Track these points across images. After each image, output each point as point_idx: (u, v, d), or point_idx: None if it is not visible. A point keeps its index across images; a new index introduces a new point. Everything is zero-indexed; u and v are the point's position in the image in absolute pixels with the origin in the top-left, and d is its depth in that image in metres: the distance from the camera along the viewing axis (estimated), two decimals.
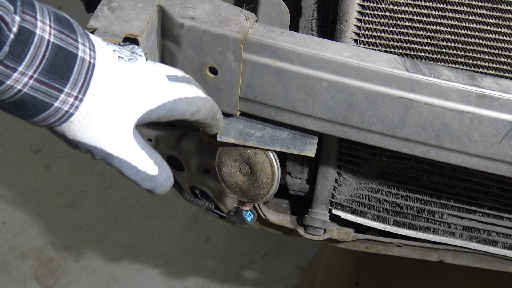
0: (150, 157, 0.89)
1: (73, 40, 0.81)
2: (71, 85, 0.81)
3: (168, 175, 0.92)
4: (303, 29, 1.19)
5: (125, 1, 1.06)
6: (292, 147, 1.14)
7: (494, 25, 1.05)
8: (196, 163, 1.37)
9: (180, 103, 0.91)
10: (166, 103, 0.89)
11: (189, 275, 2.33)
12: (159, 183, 0.91)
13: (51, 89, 0.79)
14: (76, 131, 0.83)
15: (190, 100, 0.93)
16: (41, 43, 0.78)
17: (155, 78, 0.89)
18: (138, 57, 0.89)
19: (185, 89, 0.93)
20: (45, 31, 0.78)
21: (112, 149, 0.85)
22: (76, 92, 0.81)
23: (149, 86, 0.88)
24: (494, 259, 1.37)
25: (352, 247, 1.42)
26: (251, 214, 1.25)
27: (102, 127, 0.84)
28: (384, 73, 1.03)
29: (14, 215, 2.48)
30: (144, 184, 0.90)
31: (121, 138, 0.86)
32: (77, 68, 0.81)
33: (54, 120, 0.82)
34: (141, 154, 0.88)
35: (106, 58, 0.85)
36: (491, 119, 1.01)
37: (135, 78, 0.87)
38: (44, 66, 0.78)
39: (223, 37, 1.05)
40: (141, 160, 0.88)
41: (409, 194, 1.27)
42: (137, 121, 0.87)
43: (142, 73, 0.88)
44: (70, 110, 0.82)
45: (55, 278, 2.33)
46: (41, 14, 0.78)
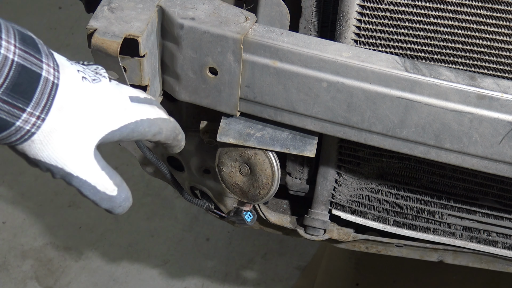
0: (110, 178, 0.90)
1: (37, 60, 0.81)
2: (34, 105, 0.81)
3: (126, 196, 0.92)
4: (303, 29, 1.19)
5: (125, 1, 1.06)
6: (292, 147, 1.14)
7: (494, 25, 1.05)
8: (196, 163, 1.37)
9: (142, 125, 0.92)
10: (128, 125, 0.90)
11: (189, 275, 2.33)
12: (117, 203, 0.91)
13: (14, 108, 0.80)
14: (37, 150, 0.84)
15: (152, 121, 0.93)
16: (5, 62, 0.78)
17: (117, 100, 0.90)
18: (101, 78, 0.90)
19: (147, 111, 0.93)
20: (10, 50, 0.78)
21: (72, 168, 0.86)
22: (38, 112, 0.82)
23: (111, 107, 0.89)
24: (494, 260, 1.37)
25: (352, 247, 1.42)
26: (250, 214, 1.25)
27: (63, 147, 0.85)
28: (384, 73, 1.03)
29: (14, 215, 2.48)
30: (103, 204, 0.91)
31: (81, 158, 0.87)
32: (40, 88, 0.81)
33: (16, 139, 0.82)
34: (101, 174, 0.88)
35: (70, 78, 0.85)
36: (491, 119, 1.01)
37: (97, 99, 0.88)
38: (7, 86, 0.78)
39: (223, 37, 1.05)
40: (101, 181, 0.89)
41: (409, 195, 1.27)
42: (98, 142, 0.88)
43: (105, 94, 0.89)
44: (32, 130, 0.82)
45: (55, 278, 2.33)
46: (6, 34, 0.79)
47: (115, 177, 0.91)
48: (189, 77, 1.10)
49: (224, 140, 1.14)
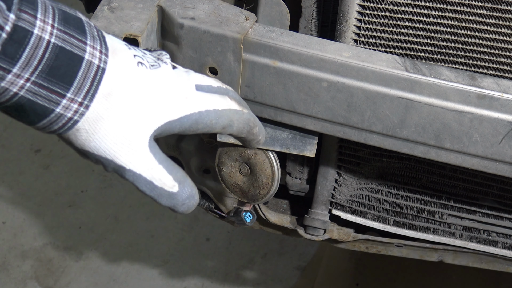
0: (169, 173, 0.83)
1: (80, 41, 0.76)
2: (75, 90, 0.76)
3: (191, 193, 0.85)
4: (303, 29, 1.19)
5: (125, 1, 1.06)
6: (292, 147, 1.14)
7: (494, 25, 1.05)
8: (196, 163, 1.37)
9: (208, 116, 0.85)
10: (190, 115, 0.83)
11: (189, 275, 2.33)
12: (180, 201, 0.85)
13: (51, 93, 0.75)
14: (84, 140, 0.79)
15: (220, 112, 0.86)
16: (40, 43, 0.73)
17: (178, 87, 0.83)
18: (162, 64, 0.84)
19: (215, 101, 0.86)
20: (45, 31, 0.73)
21: (124, 161, 0.80)
22: (80, 98, 0.76)
23: (169, 96, 0.82)
24: (494, 260, 1.37)
25: (352, 247, 1.42)
26: (250, 215, 1.25)
27: (113, 137, 0.79)
28: (384, 73, 1.03)
29: (14, 215, 2.48)
30: (162, 201, 0.84)
31: (134, 150, 0.80)
32: (82, 72, 0.76)
33: (58, 127, 0.77)
34: (157, 168, 0.82)
35: (121, 63, 0.79)
36: (491, 119, 1.01)
37: (154, 86, 0.81)
38: (42, 68, 0.73)
39: (223, 37, 1.05)
40: (158, 175, 0.82)
41: (409, 194, 1.27)
42: (154, 133, 0.81)
43: (163, 81, 0.82)
44: (74, 117, 0.77)
45: (55, 278, 2.33)
46: (43, 13, 0.73)
47: (176, 171, 0.84)
48: None
49: (224, 140, 1.14)
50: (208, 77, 0.89)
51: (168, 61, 0.86)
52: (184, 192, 0.85)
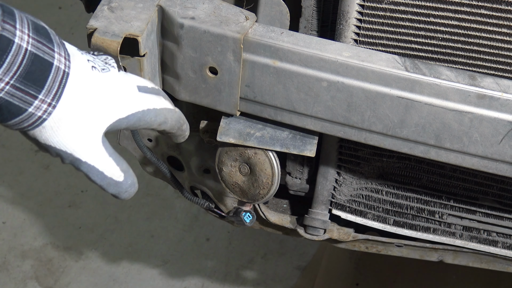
0: (117, 164, 0.92)
1: (50, 49, 0.84)
2: (46, 92, 0.84)
3: (132, 182, 0.95)
4: (303, 29, 1.19)
5: (125, 1, 1.06)
6: (292, 147, 1.14)
7: (494, 25, 1.05)
8: (196, 163, 1.37)
9: (148, 114, 0.94)
10: (135, 113, 0.93)
11: (189, 275, 2.33)
12: (124, 189, 0.94)
13: (26, 95, 0.83)
14: (48, 136, 0.87)
15: (158, 111, 0.96)
16: (19, 51, 0.81)
17: (125, 89, 0.93)
18: (110, 68, 0.93)
19: (154, 101, 0.96)
20: (23, 40, 0.81)
21: (81, 154, 0.89)
22: (49, 99, 0.85)
23: (119, 96, 0.91)
24: (494, 259, 1.37)
25: (352, 247, 1.42)
26: (250, 215, 1.25)
27: (73, 133, 0.88)
28: (384, 73, 1.03)
29: (14, 215, 2.48)
30: (110, 189, 0.93)
31: (90, 145, 0.89)
32: (52, 76, 0.84)
33: (27, 125, 0.85)
34: (108, 160, 0.91)
35: (80, 67, 0.88)
36: (491, 119, 1.01)
37: (106, 87, 0.90)
38: (20, 73, 0.81)
39: (223, 37, 1.05)
40: (108, 166, 0.91)
41: (409, 194, 1.27)
42: (106, 129, 0.91)
43: (113, 83, 0.91)
44: (43, 116, 0.85)
45: (55, 278, 2.33)
46: (21, 24, 0.81)
47: (122, 163, 0.93)
48: (189, 76, 1.10)
49: (224, 140, 1.14)
50: (144, 79, 0.98)
51: (115, 65, 0.94)
52: (128, 181, 0.94)
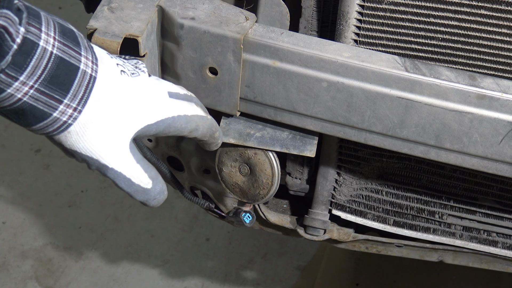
0: (145, 171, 0.91)
1: (76, 52, 0.83)
2: (71, 97, 0.83)
3: (161, 189, 0.94)
4: (303, 29, 1.19)
5: (125, 1, 1.06)
6: (292, 147, 1.14)
7: (494, 25, 1.05)
8: (196, 163, 1.37)
9: (179, 120, 0.93)
10: (165, 119, 0.92)
11: (189, 275, 2.33)
12: (152, 196, 0.93)
13: (51, 99, 0.82)
14: (73, 141, 0.86)
15: (189, 118, 0.95)
16: (44, 54, 0.80)
17: (155, 94, 0.92)
18: (140, 72, 0.92)
19: (185, 107, 0.95)
20: (49, 43, 0.80)
21: (108, 160, 0.88)
22: (75, 104, 0.83)
23: (148, 102, 0.90)
24: (494, 260, 1.37)
25: (352, 247, 1.42)
26: (249, 216, 1.25)
27: (99, 138, 0.86)
28: (384, 73, 1.03)
29: (14, 215, 2.48)
30: (138, 196, 0.92)
31: (117, 151, 0.88)
32: (78, 81, 0.83)
33: (52, 130, 0.84)
34: (136, 167, 0.90)
35: (108, 72, 0.87)
36: (491, 119, 1.01)
37: (135, 92, 0.89)
38: (45, 77, 0.80)
39: (223, 37, 1.05)
40: (136, 173, 0.90)
41: (409, 195, 1.27)
42: (134, 135, 0.90)
43: (143, 88, 0.90)
44: (69, 121, 0.84)
45: (55, 278, 2.33)
46: (46, 26, 0.80)
47: (151, 170, 0.92)
48: (189, 77, 1.10)
49: (224, 140, 1.14)
50: (176, 85, 0.97)
51: (145, 69, 0.93)
52: (156, 188, 0.94)
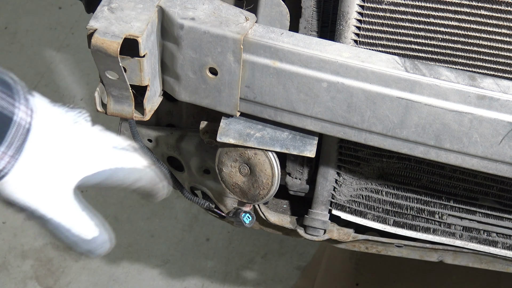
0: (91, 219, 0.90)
1: (10, 104, 0.83)
2: (8, 145, 0.83)
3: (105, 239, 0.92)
4: (303, 29, 1.19)
5: (125, 1, 1.06)
6: (292, 147, 1.14)
7: (494, 25, 1.05)
8: (196, 163, 1.37)
9: (120, 172, 0.92)
10: (103, 171, 0.91)
11: (189, 275, 2.33)
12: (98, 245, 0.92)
13: None
14: (11, 191, 0.86)
15: (130, 170, 0.94)
16: None
17: (95, 145, 0.91)
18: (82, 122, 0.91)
19: (125, 159, 0.94)
20: None
21: (46, 210, 0.87)
22: (12, 152, 0.83)
23: (87, 152, 0.90)
24: (494, 260, 1.37)
25: (352, 247, 1.42)
26: (249, 216, 1.25)
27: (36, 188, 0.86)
28: (384, 73, 1.03)
29: (14, 215, 2.48)
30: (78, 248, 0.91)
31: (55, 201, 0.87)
32: (12, 131, 0.83)
33: None
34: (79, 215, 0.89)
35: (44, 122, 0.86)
36: (491, 119, 1.01)
37: (74, 143, 0.89)
38: None
39: (223, 37, 1.05)
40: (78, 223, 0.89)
41: (409, 195, 1.27)
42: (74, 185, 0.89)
43: (82, 138, 0.90)
44: (5, 169, 0.84)
45: (55, 278, 2.33)
46: None
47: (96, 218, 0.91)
48: (189, 77, 1.10)
49: (224, 140, 1.14)
50: (120, 137, 0.96)
51: (88, 119, 0.93)
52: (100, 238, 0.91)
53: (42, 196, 0.87)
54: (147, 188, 0.98)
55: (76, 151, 0.89)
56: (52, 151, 0.87)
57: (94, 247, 0.91)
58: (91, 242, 0.91)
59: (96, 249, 0.92)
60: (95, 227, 0.90)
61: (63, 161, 0.87)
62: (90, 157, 0.90)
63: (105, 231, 0.92)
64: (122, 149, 0.94)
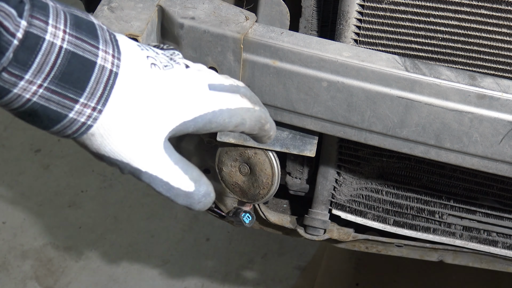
0: (185, 172, 0.83)
1: (92, 46, 0.76)
2: (88, 95, 0.76)
3: (207, 191, 0.85)
4: (303, 29, 1.19)
5: (125, 1, 1.06)
6: (292, 147, 1.14)
7: (494, 25, 1.05)
8: (196, 163, 1.37)
9: (221, 115, 0.85)
10: (204, 115, 0.83)
11: (189, 275, 2.33)
12: (196, 200, 0.85)
13: (64, 99, 0.75)
14: (99, 144, 0.79)
15: (233, 111, 0.86)
16: (51, 49, 0.73)
17: (192, 87, 0.83)
18: (175, 64, 0.84)
19: (228, 100, 0.86)
20: (57, 36, 0.73)
21: (140, 164, 0.80)
22: (93, 103, 0.76)
23: (184, 96, 0.82)
24: (494, 259, 1.37)
25: (352, 247, 1.42)
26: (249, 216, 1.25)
27: (127, 140, 0.79)
28: (384, 73, 1.03)
29: (14, 215, 2.48)
30: (179, 200, 0.84)
31: (149, 152, 0.80)
32: (95, 77, 0.76)
33: (72, 132, 0.77)
34: (173, 169, 0.82)
35: (134, 66, 0.79)
36: (491, 119, 1.01)
37: (168, 87, 0.81)
38: (55, 75, 0.73)
39: (223, 37, 1.05)
40: (174, 176, 0.82)
41: (409, 194, 1.27)
42: (169, 134, 0.82)
43: (177, 82, 0.82)
44: (88, 122, 0.77)
45: (55, 278, 2.33)
46: (55, 19, 0.73)
47: (192, 171, 0.84)
48: None
49: (224, 140, 1.14)
50: (220, 75, 0.89)
51: (181, 61, 0.86)
52: (200, 190, 0.85)
53: (133, 148, 0.79)
54: (253, 130, 0.90)
55: (169, 95, 0.81)
56: (145, 97, 0.79)
57: (197, 199, 0.85)
58: (192, 194, 0.84)
59: (198, 201, 0.85)
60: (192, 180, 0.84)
61: (156, 108, 0.79)
62: (186, 101, 0.82)
63: (204, 184, 0.85)
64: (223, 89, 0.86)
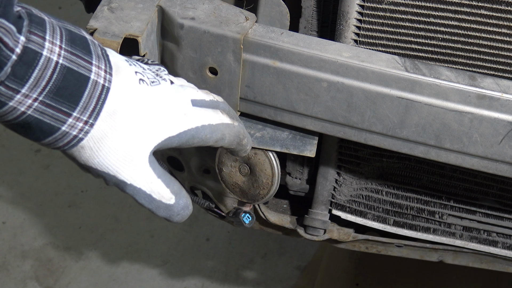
0: (167, 186, 0.86)
1: (86, 62, 0.78)
2: (81, 109, 0.78)
3: (185, 204, 0.89)
4: (303, 29, 1.19)
5: (125, 1, 1.06)
6: (292, 147, 1.14)
7: (494, 25, 1.05)
8: (196, 163, 1.37)
9: (203, 131, 0.88)
10: (188, 131, 0.87)
11: (189, 275, 2.33)
12: (175, 212, 0.88)
13: (58, 112, 0.77)
14: (87, 157, 0.81)
15: (214, 127, 0.90)
16: (48, 64, 0.75)
17: (177, 104, 0.86)
18: (161, 81, 0.86)
19: (210, 116, 0.90)
20: (54, 52, 0.75)
21: (125, 176, 0.83)
22: (86, 117, 0.79)
23: (169, 112, 0.85)
24: (494, 260, 1.37)
25: (352, 247, 1.42)
26: (249, 216, 1.25)
27: (115, 153, 0.82)
28: (384, 73, 1.03)
29: (14, 215, 2.48)
30: (160, 212, 0.87)
31: (135, 166, 0.83)
32: (88, 92, 0.78)
33: (63, 144, 0.80)
34: (156, 182, 0.85)
35: (124, 81, 0.82)
36: (491, 119, 1.01)
37: (154, 103, 0.84)
38: (50, 89, 0.76)
39: (223, 37, 1.05)
40: (156, 189, 0.86)
41: (409, 195, 1.27)
42: (154, 148, 0.85)
43: (164, 98, 0.85)
44: (79, 135, 0.79)
45: (55, 278, 2.33)
46: (51, 34, 0.76)
47: (173, 184, 0.88)
48: (189, 77, 1.10)
49: None
50: (201, 91, 0.92)
51: (167, 77, 0.88)
52: (180, 203, 0.89)
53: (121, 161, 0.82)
54: (231, 144, 0.94)
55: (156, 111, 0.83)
56: (133, 112, 0.81)
57: (176, 212, 0.88)
58: (172, 207, 0.87)
59: (177, 213, 0.88)
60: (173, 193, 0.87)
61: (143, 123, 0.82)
62: (171, 117, 0.85)
63: (184, 197, 0.89)
64: (204, 105, 0.90)
